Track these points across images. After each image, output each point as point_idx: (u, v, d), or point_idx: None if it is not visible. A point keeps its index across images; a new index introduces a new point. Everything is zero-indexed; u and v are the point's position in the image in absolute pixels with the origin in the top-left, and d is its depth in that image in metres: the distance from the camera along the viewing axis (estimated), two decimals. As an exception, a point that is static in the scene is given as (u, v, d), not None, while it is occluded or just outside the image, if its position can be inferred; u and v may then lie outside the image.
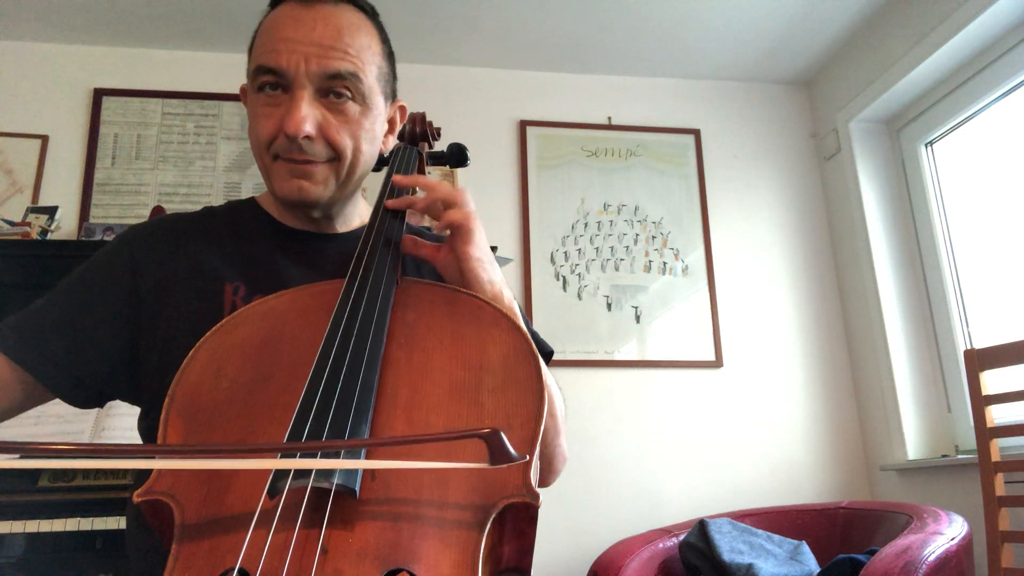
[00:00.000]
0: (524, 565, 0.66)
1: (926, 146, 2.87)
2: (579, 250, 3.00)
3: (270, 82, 0.88)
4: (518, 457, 0.53)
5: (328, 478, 0.58)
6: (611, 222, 3.06)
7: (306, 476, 0.58)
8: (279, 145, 0.88)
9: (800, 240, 3.16)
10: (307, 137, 0.87)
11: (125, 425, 2.01)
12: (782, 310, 3.06)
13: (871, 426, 2.90)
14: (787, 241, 3.15)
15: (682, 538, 2.29)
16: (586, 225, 3.03)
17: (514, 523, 0.63)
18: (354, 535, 0.56)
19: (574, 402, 2.77)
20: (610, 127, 3.17)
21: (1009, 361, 2.08)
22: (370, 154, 0.96)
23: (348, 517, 0.57)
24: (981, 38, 2.47)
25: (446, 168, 1.64)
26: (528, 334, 0.75)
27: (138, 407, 0.96)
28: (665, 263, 3.04)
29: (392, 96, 1.01)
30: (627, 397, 2.86)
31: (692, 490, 2.77)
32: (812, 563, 2.14)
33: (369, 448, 0.63)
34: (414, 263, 1.02)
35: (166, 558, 0.58)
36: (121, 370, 0.91)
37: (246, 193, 2.86)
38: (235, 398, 0.69)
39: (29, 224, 2.47)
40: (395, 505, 0.59)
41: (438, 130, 1.14)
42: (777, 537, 2.26)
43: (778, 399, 2.94)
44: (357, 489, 0.58)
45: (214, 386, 0.70)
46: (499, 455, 0.52)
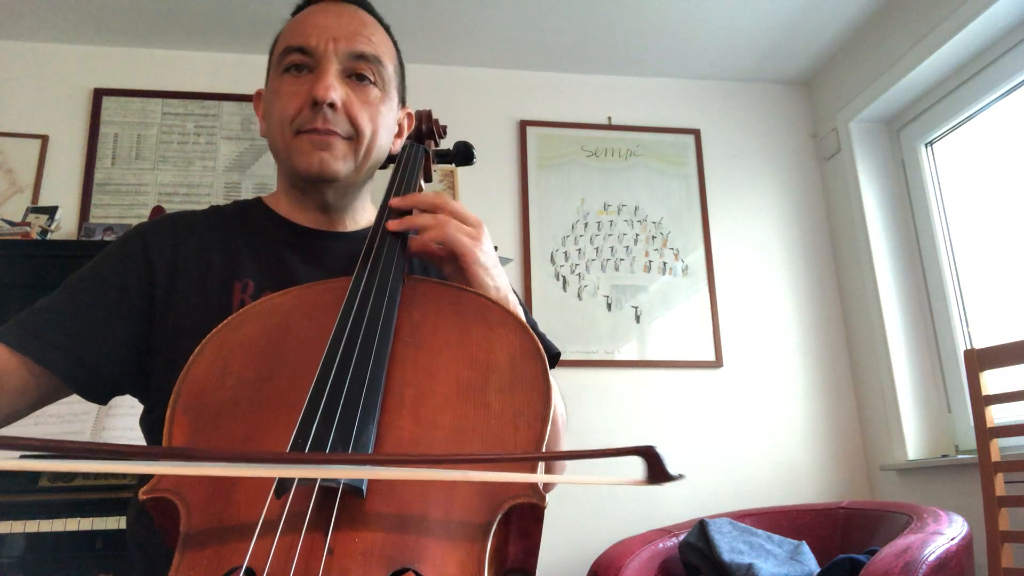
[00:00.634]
0: (529, 565, 0.65)
1: (926, 146, 2.87)
2: (579, 250, 3.00)
3: (296, 62, 0.93)
4: (677, 475, 0.52)
5: (334, 476, 0.58)
6: (611, 222, 3.06)
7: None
8: (303, 118, 0.91)
9: (800, 240, 3.17)
10: (331, 105, 0.90)
11: (125, 425, 2.01)
12: (782, 310, 3.06)
13: (871, 426, 2.90)
14: (787, 241, 3.15)
15: (682, 538, 2.29)
16: (586, 225, 3.04)
17: (520, 523, 0.63)
18: (360, 535, 0.56)
19: (574, 402, 2.77)
20: (610, 127, 3.17)
21: (1009, 361, 2.08)
22: (385, 143, 0.99)
23: (354, 517, 0.57)
24: (981, 38, 2.48)
25: (449, 166, 1.64)
26: (535, 335, 0.75)
27: (144, 404, 0.95)
28: (665, 263, 3.04)
29: (403, 102, 1.05)
30: (627, 397, 2.86)
31: (692, 490, 2.77)
32: (812, 563, 2.14)
33: (376, 450, 0.63)
34: (421, 262, 1.02)
35: (170, 557, 0.58)
36: (134, 362, 0.91)
37: (246, 193, 2.86)
38: (241, 395, 0.69)
39: (29, 224, 2.47)
40: (401, 505, 0.59)
41: (444, 128, 1.15)
42: (777, 537, 2.26)
43: (778, 399, 2.95)
44: (364, 488, 0.58)
45: (220, 383, 0.70)
46: (657, 472, 0.52)
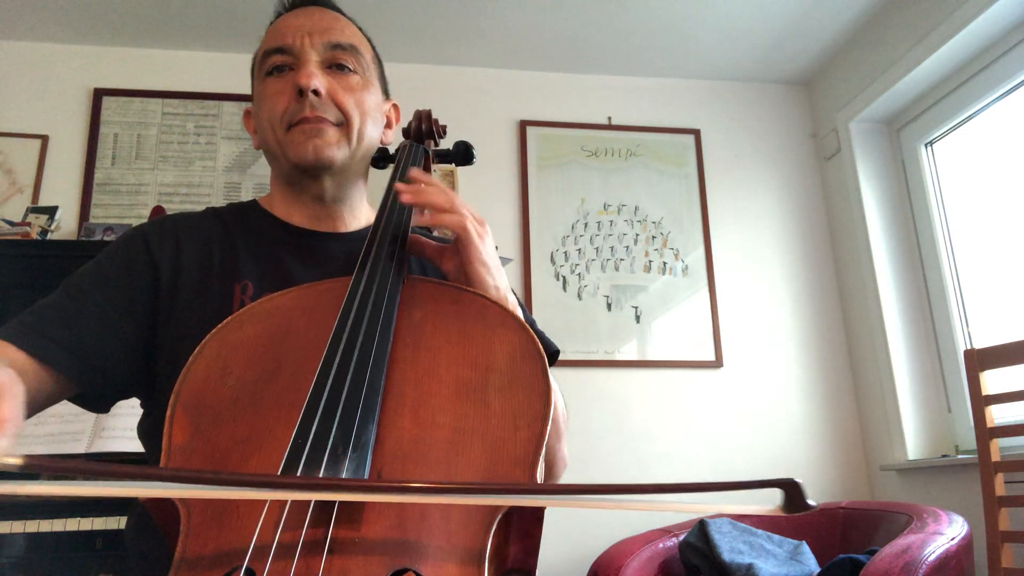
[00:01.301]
0: (529, 566, 0.65)
1: (926, 146, 2.87)
2: (579, 250, 3.00)
3: (277, 64, 0.95)
4: (814, 506, 0.52)
5: (335, 475, 0.58)
6: (611, 222, 3.06)
7: (314, 473, 0.58)
8: (291, 111, 0.94)
9: (800, 240, 3.17)
10: (316, 92, 0.92)
11: (125, 425, 2.00)
12: (782, 310, 3.06)
13: (871, 426, 2.90)
14: (787, 241, 3.15)
15: (682, 538, 2.29)
16: (586, 225, 3.04)
17: (520, 524, 0.63)
18: (360, 535, 0.56)
19: (574, 402, 2.77)
20: (610, 127, 3.17)
21: (1009, 361, 2.08)
22: (374, 130, 1.00)
23: (354, 517, 0.57)
24: (981, 38, 2.48)
25: (449, 166, 1.64)
26: (534, 334, 0.75)
27: (144, 406, 0.95)
28: (665, 263, 3.04)
29: (386, 94, 1.06)
30: (627, 397, 2.86)
31: (692, 490, 2.77)
32: (812, 563, 2.14)
33: (377, 450, 0.63)
34: (419, 262, 1.02)
35: (170, 558, 0.58)
36: (141, 363, 0.91)
37: (246, 193, 2.86)
38: (241, 396, 0.69)
39: (29, 224, 2.47)
40: (402, 506, 0.59)
41: (444, 128, 1.15)
42: (777, 537, 2.26)
43: (778, 399, 2.95)
44: None
45: (220, 383, 0.70)
46: (797, 504, 0.52)
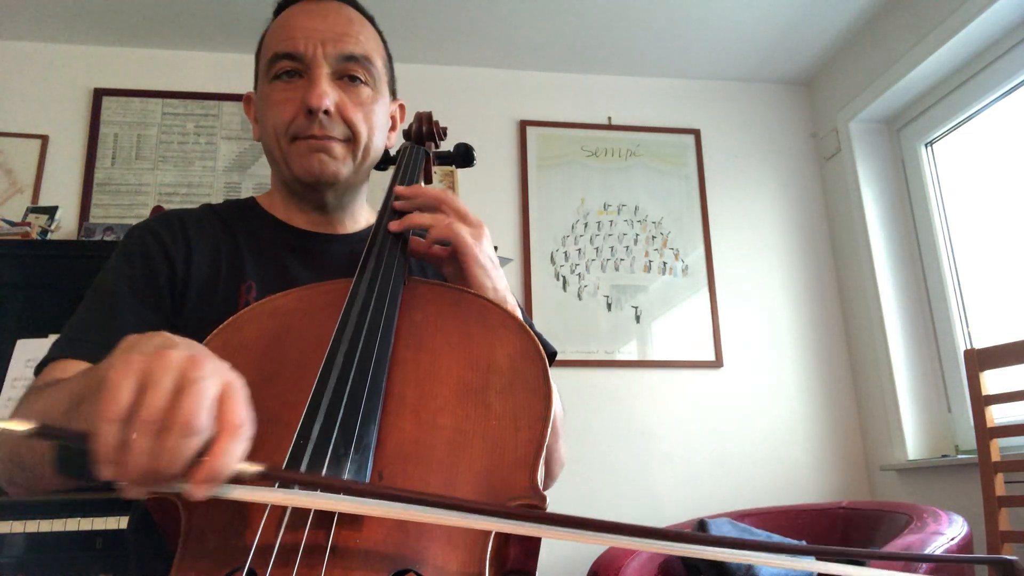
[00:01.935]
0: (530, 567, 0.65)
1: (926, 146, 2.87)
2: (579, 250, 3.00)
3: (287, 69, 0.92)
4: None
5: (337, 476, 0.58)
6: (611, 222, 3.06)
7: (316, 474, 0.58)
8: (298, 125, 0.91)
9: (800, 240, 3.17)
10: (326, 112, 0.90)
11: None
12: (782, 310, 3.06)
13: (871, 426, 2.90)
14: (787, 241, 3.16)
15: (683, 538, 2.29)
16: (586, 225, 3.04)
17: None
18: (362, 536, 0.56)
19: (574, 402, 2.78)
20: (610, 127, 3.17)
21: (1009, 361, 2.08)
22: (380, 141, 0.99)
23: (356, 518, 0.57)
24: (981, 38, 2.48)
25: (449, 168, 1.64)
26: (535, 336, 0.75)
27: None
28: (665, 263, 3.04)
29: (393, 94, 1.04)
30: (627, 397, 2.86)
31: (692, 490, 2.77)
32: (812, 563, 2.13)
33: (378, 452, 0.63)
34: (420, 263, 1.03)
35: (171, 557, 0.58)
36: None
37: (246, 193, 2.86)
38: None
39: (29, 224, 2.47)
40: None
41: (444, 130, 1.15)
42: (777, 537, 2.26)
43: (778, 399, 2.95)
44: None
45: None
46: None
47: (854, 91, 3.00)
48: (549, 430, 0.66)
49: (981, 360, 2.13)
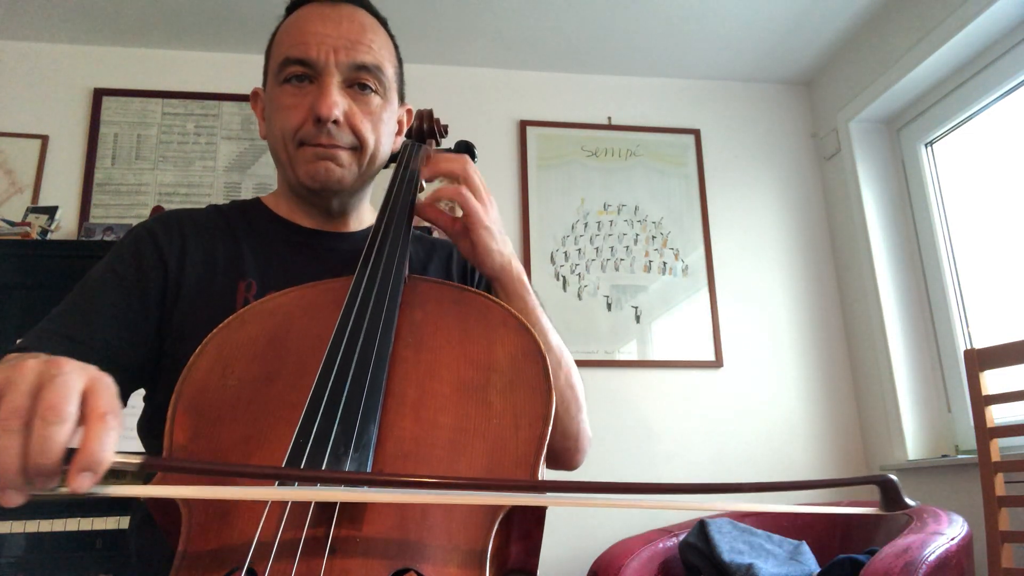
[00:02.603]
0: (530, 566, 0.65)
1: (926, 146, 2.87)
2: (579, 250, 3.00)
3: (297, 73, 0.92)
4: (914, 504, 0.53)
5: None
6: (611, 222, 3.06)
7: None
8: (306, 131, 0.91)
9: (800, 240, 3.17)
10: (335, 122, 0.90)
11: (125, 424, 2.00)
12: (782, 310, 3.06)
13: (871, 426, 2.90)
14: (787, 241, 3.16)
15: (682, 538, 2.29)
16: (586, 225, 3.03)
17: (521, 524, 0.63)
18: (362, 534, 0.56)
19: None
20: (610, 127, 3.17)
21: (1009, 361, 2.08)
22: (387, 148, 0.99)
23: (356, 516, 0.57)
24: (981, 38, 2.48)
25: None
26: (535, 334, 0.75)
27: (146, 404, 0.95)
28: (665, 263, 3.04)
29: (401, 98, 1.04)
30: (627, 397, 2.86)
31: (692, 490, 2.77)
32: (812, 563, 2.14)
33: (378, 450, 0.63)
34: (420, 261, 1.03)
35: (171, 557, 0.58)
36: (153, 359, 0.91)
37: (246, 193, 2.86)
38: (242, 395, 0.69)
39: (29, 224, 2.47)
40: (403, 505, 0.59)
41: (445, 127, 1.15)
42: (777, 537, 2.26)
43: (778, 399, 2.95)
44: None
45: (221, 383, 0.70)
46: (894, 502, 0.52)
47: (854, 91, 3.00)
48: (550, 428, 0.66)
49: (981, 360, 2.13)
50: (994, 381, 2.13)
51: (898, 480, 0.53)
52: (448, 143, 1.17)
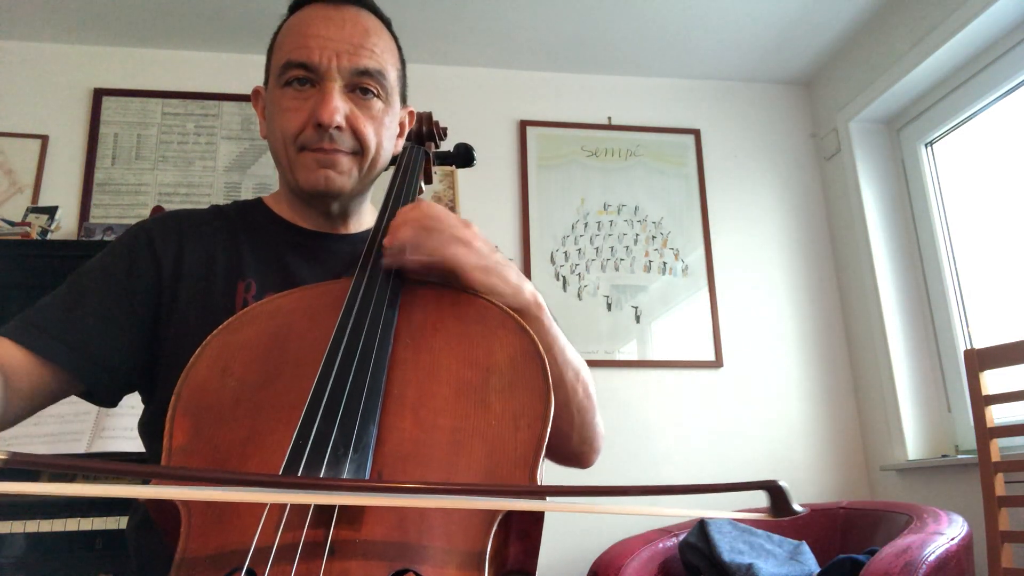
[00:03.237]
0: (529, 567, 0.65)
1: (926, 146, 2.87)
2: (579, 250, 3.00)
3: (299, 76, 0.91)
4: (800, 511, 0.52)
5: (336, 476, 0.58)
6: (611, 222, 3.06)
7: (315, 474, 0.58)
8: (307, 137, 0.91)
9: (800, 240, 3.17)
10: (337, 127, 0.89)
11: (125, 425, 2.01)
12: (782, 310, 3.06)
13: (871, 426, 2.90)
14: (787, 241, 3.15)
15: (682, 538, 2.29)
16: (586, 225, 3.04)
17: (520, 525, 0.63)
18: (361, 535, 0.56)
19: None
20: (610, 127, 3.17)
21: (1009, 361, 2.08)
22: (388, 152, 0.99)
23: (355, 517, 0.57)
24: (981, 38, 2.48)
25: (449, 167, 1.64)
26: (534, 335, 0.75)
27: (147, 404, 0.95)
28: (665, 263, 3.04)
29: (403, 99, 1.04)
30: (627, 397, 2.86)
31: (692, 490, 2.77)
32: (812, 563, 2.14)
33: (377, 452, 0.63)
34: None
35: (170, 558, 0.58)
36: (142, 363, 0.91)
37: (246, 193, 2.86)
38: (242, 397, 0.69)
39: (29, 224, 2.47)
40: (402, 507, 0.59)
41: (444, 130, 1.15)
42: (777, 537, 2.26)
43: (778, 399, 2.95)
44: None
45: (221, 385, 0.70)
46: (782, 507, 0.52)
47: (854, 91, 3.00)
48: (549, 429, 0.66)
49: (981, 360, 2.13)
50: (994, 381, 2.13)
51: (787, 486, 0.52)
52: (447, 145, 1.17)
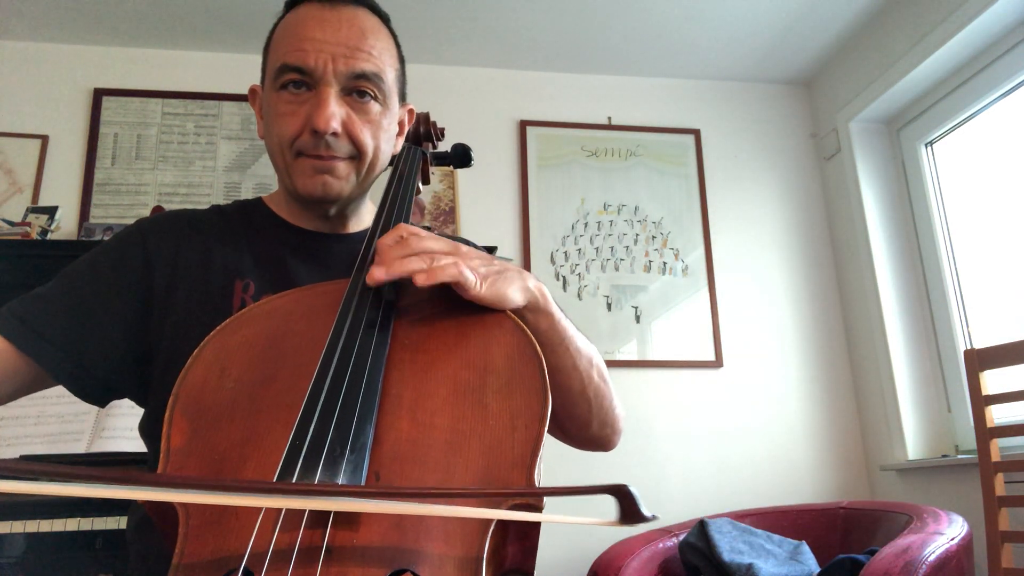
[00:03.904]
0: (528, 566, 0.65)
1: (926, 146, 2.87)
2: (579, 250, 3.00)
3: (294, 80, 0.89)
4: (650, 516, 0.52)
5: (333, 477, 0.58)
6: (611, 222, 3.06)
7: (311, 475, 0.58)
8: (303, 142, 0.90)
9: (800, 240, 3.17)
10: (334, 134, 0.88)
11: (125, 425, 2.01)
12: (782, 310, 3.06)
13: (871, 426, 2.90)
14: (787, 241, 3.15)
15: (682, 538, 2.29)
16: (586, 225, 3.04)
17: (518, 525, 0.63)
18: (359, 536, 0.56)
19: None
20: (610, 127, 3.17)
21: (1009, 361, 2.08)
22: (387, 154, 0.98)
23: (352, 518, 0.57)
24: (981, 38, 2.48)
25: (448, 168, 1.64)
26: (531, 335, 0.75)
27: (143, 406, 0.95)
28: (665, 263, 3.04)
29: (403, 98, 1.03)
30: (627, 397, 2.84)
31: (692, 490, 2.77)
32: (812, 563, 2.14)
33: (374, 452, 0.63)
34: None
35: (169, 558, 0.58)
36: (130, 363, 0.91)
37: (246, 193, 2.86)
38: (240, 398, 0.69)
39: (29, 224, 2.47)
40: (399, 507, 0.59)
41: (442, 130, 1.15)
42: (777, 537, 2.26)
43: (778, 399, 2.95)
44: None
45: (218, 386, 0.70)
46: (630, 513, 0.51)
47: (854, 91, 3.00)
48: (546, 429, 0.66)
49: (981, 360, 2.13)
50: (994, 381, 2.13)
51: (635, 491, 0.52)
52: (445, 145, 1.17)
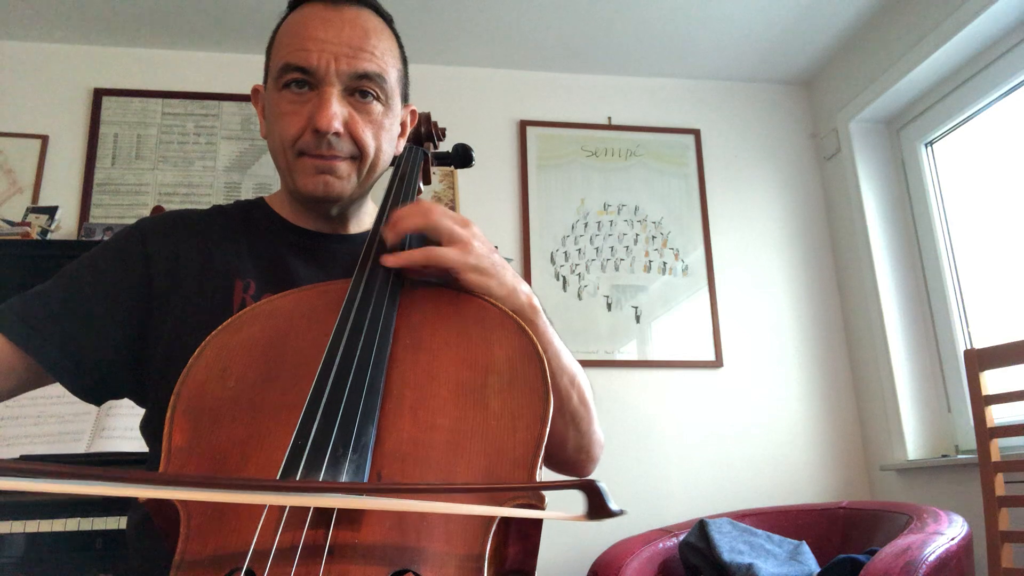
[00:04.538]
0: (528, 567, 0.65)
1: (926, 146, 2.87)
2: (579, 250, 3.00)
3: (297, 80, 0.89)
4: (618, 511, 0.52)
5: (336, 477, 0.58)
6: (611, 222, 3.06)
7: (315, 474, 0.58)
8: (305, 142, 0.90)
9: (800, 240, 3.17)
10: (336, 134, 0.88)
11: (126, 425, 2.01)
12: (782, 310, 3.06)
13: (871, 426, 2.90)
14: (787, 241, 3.16)
15: (682, 538, 2.29)
16: (586, 225, 3.04)
17: (519, 525, 0.63)
18: (360, 536, 0.56)
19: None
20: (610, 127, 3.17)
21: (1009, 361, 2.08)
22: (388, 154, 0.98)
23: (355, 518, 0.57)
24: (981, 38, 2.48)
25: (449, 168, 1.64)
26: (533, 335, 0.75)
27: (142, 405, 0.95)
28: (665, 263, 3.04)
29: (405, 99, 1.03)
30: (627, 397, 2.86)
31: (692, 490, 2.77)
32: (812, 563, 2.14)
33: (376, 452, 0.63)
34: None
35: (170, 559, 0.58)
36: (128, 363, 0.91)
37: (246, 193, 2.86)
38: (241, 398, 0.69)
39: (29, 224, 2.47)
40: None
41: (443, 131, 1.15)
42: (777, 537, 2.26)
43: (778, 399, 2.95)
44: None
45: (220, 385, 0.70)
46: (597, 508, 0.51)
47: (854, 91, 3.00)
48: (548, 430, 0.66)
49: (981, 360, 2.13)
50: (994, 381, 2.13)
51: (604, 487, 0.52)
52: (446, 146, 1.17)
